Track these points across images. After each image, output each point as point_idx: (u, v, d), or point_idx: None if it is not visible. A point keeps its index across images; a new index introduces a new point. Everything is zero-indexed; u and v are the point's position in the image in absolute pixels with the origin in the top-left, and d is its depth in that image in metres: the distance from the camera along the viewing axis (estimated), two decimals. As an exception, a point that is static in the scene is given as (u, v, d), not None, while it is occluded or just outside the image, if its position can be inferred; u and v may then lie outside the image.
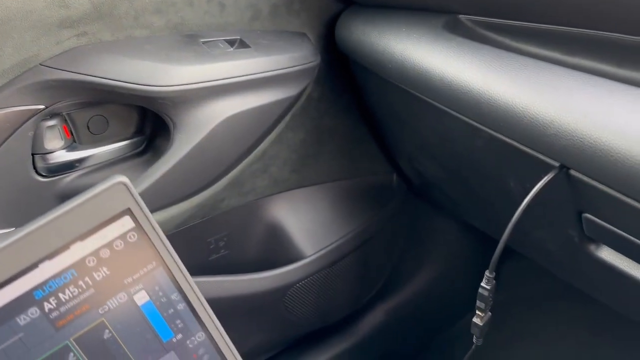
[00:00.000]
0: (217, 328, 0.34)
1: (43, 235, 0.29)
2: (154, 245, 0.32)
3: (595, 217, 0.45)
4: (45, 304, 0.30)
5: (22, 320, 0.29)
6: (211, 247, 0.69)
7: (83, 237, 0.30)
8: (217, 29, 0.58)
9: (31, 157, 0.52)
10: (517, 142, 0.44)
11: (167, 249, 0.32)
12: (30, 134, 0.51)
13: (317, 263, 0.73)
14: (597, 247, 0.49)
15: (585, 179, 0.42)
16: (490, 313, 0.50)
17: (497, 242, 0.47)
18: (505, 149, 0.47)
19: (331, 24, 0.65)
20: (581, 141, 0.40)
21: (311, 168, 0.73)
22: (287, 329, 0.77)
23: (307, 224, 0.74)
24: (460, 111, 0.48)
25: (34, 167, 0.53)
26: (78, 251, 0.30)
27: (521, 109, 0.42)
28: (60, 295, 0.30)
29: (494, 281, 0.48)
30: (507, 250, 0.48)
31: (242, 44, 0.58)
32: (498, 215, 0.58)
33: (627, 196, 0.40)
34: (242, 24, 0.60)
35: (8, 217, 0.52)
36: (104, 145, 0.57)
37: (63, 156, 0.54)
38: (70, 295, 0.30)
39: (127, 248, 0.31)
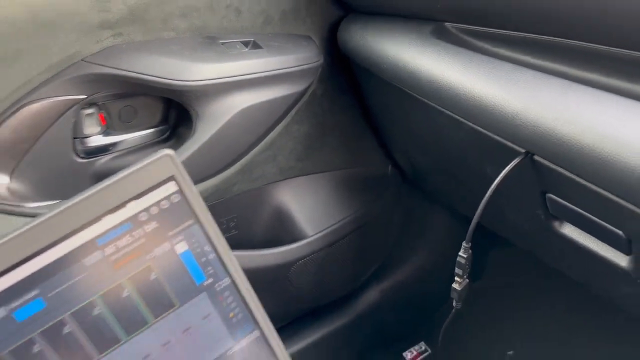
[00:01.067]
0: (239, 276, 0.42)
1: (106, 195, 0.37)
2: (192, 206, 0.40)
3: (558, 197, 0.53)
4: (106, 249, 0.38)
5: (87, 261, 0.37)
6: (223, 226, 0.77)
7: (137, 197, 0.38)
8: (234, 32, 0.66)
9: (72, 140, 0.60)
10: (491, 132, 0.52)
11: (203, 210, 0.40)
12: (72, 120, 0.59)
13: (317, 242, 0.80)
14: (560, 224, 0.57)
15: (548, 163, 0.50)
16: (467, 280, 0.58)
17: (482, 227, 0.55)
18: (482, 139, 0.55)
19: (333, 28, 0.73)
20: (543, 131, 0.47)
21: (314, 158, 0.81)
22: (291, 304, 0.84)
23: (309, 208, 0.82)
24: (444, 106, 0.56)
25: (74, 150, 0.61)
26: (133, 208, 0.38)
27: (493, 103, 0.50)
28: (118, 242, 0.38)
29: (470, 251, 0.55)
30: (493, 242, 0.55)
31: (256, 45, 0.66)
32: (478, 199, 0.66)
33: (583, 179, 0.48)
34: (255, 28, 0.68)
35: (51, 192, 0.60)
36: (133, 132, 0.65)
37: (99, 140, 0.62)
38: (126, 243, 0.38)
39: (171, 207, 0.39)
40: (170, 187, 0.39)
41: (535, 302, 0.98)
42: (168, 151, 0.38)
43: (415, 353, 1.01)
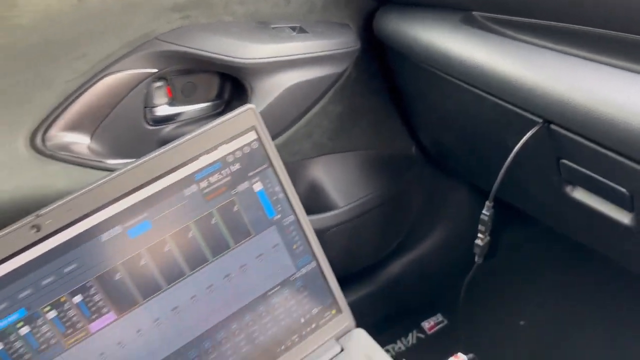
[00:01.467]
0: (302, 214, 0.50)
1: (202, 139, 0.46)
2: (268, 152, 0.48)
3: (571, 162, 0.60)
4: (201, 183, 0.46)
5: (186, 192, 0.46)
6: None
7: (226, 142, 0.46)
8: (283, 18, 0.75)
9: (143, 109, 0.68)
10: (512, 104, 0.60)
11: (275, 156, 0.48)
12: (144, 91, 0.67)
13: (347, 213, 0.88)
14: (572, 188, 0.64)
15: (562, 131, 0.57)
16: (489, 237, 0.66)
17: (501, 201, 0.63)
18: (503, 112, 0.63)
19: (369, 18, 0.81)
20: (559, 100, 0.55)
21: (345, 138, 0.89)
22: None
23: (339, 182, 0.90)
24: (471, 83, 0.64)
25: (145, 118, 0.69)
26: (222, 151, 0.46)
27: (515, 78, 0.58)
28: (209, 179, 0.46)
29: (492, 210, 0.63)
30: (505, 225, 0.61)
31: (302, 30, 0.74)
32: (498, 171, 0.73)
33: (593, 143, 0.55)
34: (300, 15, 0.76)
35: (124, 153, 0.68)
36: (193, 105, 0.73)
37: (165, 110, 0.71)
38: (216, 179, 0.46)
39: (251, 152, 0.47)
40: (252, 135, 0.47)
41: (545, 278, 1.06)
42: (251, 106, 0.47)
43: (432, 323, 1.08)
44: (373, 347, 0.54)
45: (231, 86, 0.75)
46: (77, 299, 0.43)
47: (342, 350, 0.54)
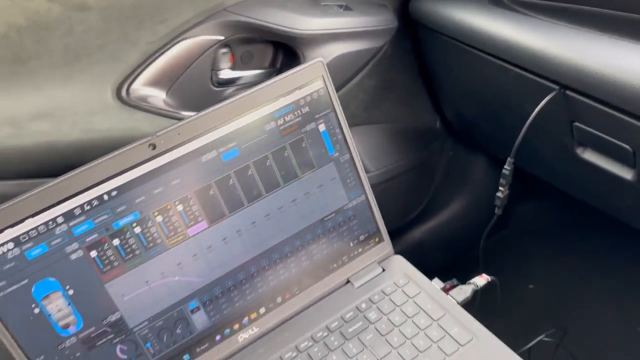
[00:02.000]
0: (356, 154, 0.60)
1: (281, 84, 0.56)
2: (332, 99, 0.58)
3: (582, 124, 0.70)
4: (278, 121, 0.56)
5: (267, 127, 0.56)
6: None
7: (300, 87, 0.56)
8: (330, -3, 0.85)
9: (210, 72, 0.78)
10: (532, 73, 0.70)
11: (337, 103, 0.58)
12: (212, 56, 0.77)
13: (377, 177, 0.98)
14: (582, 149, 0.74)
15: (576, 96, 0.67)
16: (508, 191, 0.76)
17: (520, 170, 0.73)
18: (524, 81, 0.72)
19: (404, 1, 0.91)
20: (575, 68, 0.65)
21: (377, 110, 0.99)
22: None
23: (371, 150, 1.00)
24: (497, 54, 0.74)
25: (211, 79, 0.79)
26: (296, 95, 0.56)
27: (536, 48, 0.67)
28: (285, 117, 0.56)
29: (513, 166, 0.73)
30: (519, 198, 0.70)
31: (347, 8, 0.84)
32: (516, 141, 0.83)
33: (603, 105, 0.65)
34: (346, -5, 0.86)
35: (193, 108, 0.78)
36: (250, 71, 0.83)
37: (227, 74, 0.81)
38: (290, 118, 0.56)
39: (319, 98, 0.57)
40: (320, 83, 0.57)
41: (553, 246, 1.15)
42: (320, 59, 0.57)
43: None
44: (410, 268, 0.64)
45: (283, 55, 0.85)
46: (179, 207, 0.54)
47: (383, 270, 0.64)
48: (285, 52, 0.85)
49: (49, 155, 0.65)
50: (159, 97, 0.76)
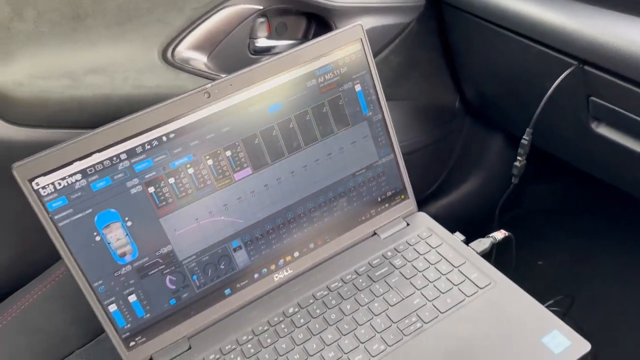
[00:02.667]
0: (387, 115, 0.65)
1: (323, 44, 0.61)
2: (368, 61, 0.63)
3: (599, 99, 0.74)
4: (319, 78, 0.61)
5: (309, 83, 0.60)
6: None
7: (339, 47, 0.61)
8: (363, -27, 0.90)
9: (248, 39, 0.83)
10: (553, 49, 0.74)
11: (372, 64, 0.63)
12: (250, 24, 0.82)
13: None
14: (597, 124, 0.78)
15: (594, 71, 0.71)
16: (525, 161, 0.80)
17: (534, 153, 0.77)
18: (545, 58, 0.77)
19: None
20: (594, 43, 0.69)
21: (400, 87, 1.03)
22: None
23: (393, 124, 1.05)
24: (521, 32, 0.78)
25: (248, 47, 0.84)
26: (336, 55, 0.61)
27: (557, 24, 0.72)
28: (325, 76, 0.61)
29: (531, 136, 0.77)
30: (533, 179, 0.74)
31: (379, -16, 0.89)
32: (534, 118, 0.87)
33: (619, 79, 0.69)
34: (377, -26, 0.91)
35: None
36: (283, 41, 0.88)
37: (263, 43, 0.86)
38: (329, 77, 0.61)
39: (356, 59, 0.62)
40: (358, 45, 0.62)
41: (563, 224, 1.20)
42: (360, 22, 0.61)
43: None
44: (433, 223, 0.69)
45: (316, 27, 0.90)
46: (228, 153, 0.59)
47: (407, 225, 0.69)
48: (317, 24, 0.90)
49: (104, 106, 0.70)
50: (200, 60, 0.81)
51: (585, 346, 0.52)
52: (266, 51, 0.87)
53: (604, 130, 0.79)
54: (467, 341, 0.54)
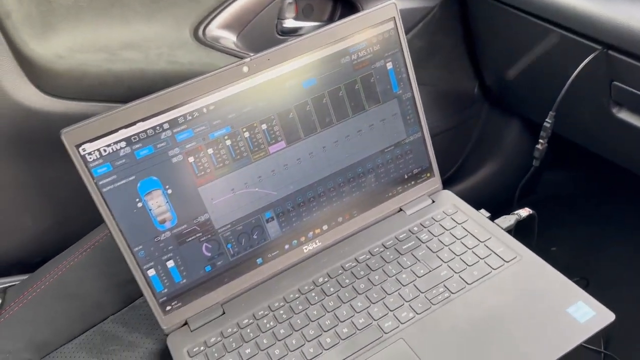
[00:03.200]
0: (417, 93, 0.67)
1: (356, 22, 0.62)
2: (400, 39, 0.64)
3: (622, 83, 0.76)
4: (352, 55, 0.63)
5: (343, 60, 0.62)
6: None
7: (373, 26, 0.63)
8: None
9: (276, 20, 0.85)
10: (577, 34, 0.75)
11: (405, 43, 0.64)
12: (279, 5, 0.84)
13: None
14: (619, 109, 0.80)
15: (619, 55, 0.73)
16: (547, 144, 0.82)
17: (553, 136, 0.79)
18: (568, 43, 0.78)
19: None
20: (620, 27, 0.70)
21: (422, 70, 1.04)
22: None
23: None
24: (546, 17, 0.79)
25: (276, 28, 0.86)
26: (369, 33, 0.63)
27: (582, 9, 0.73)
28: (358, 53, 0.63)
29: (554, 119, 0.79)
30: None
31: (405, -33, 0.90)
32: (554, 104, 0.89)
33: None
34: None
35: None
36: (309, 22, 0.90)
37: (291, 24, 0.87)
38: (362, 54, 0.63)
39: (389, 37, 0.64)
40: (391, 24, 0.64)
41: (577, 211, 1.21)
42: (394, 1, 0.63)
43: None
44: (458, 200, 0.71)
45: (341, 10, 0.91)
46: (264, 126, 0.61)
47: (433, 202, 0.71)
48: (342, 6, 0.91)
49: (139, 81, 0.72)
50: (230, 39, 0.83)
51: (609, 316, 0.54)
52: (293, 32, 0.89)
53: (625, 116, 0.80)
54: (493, 311, 0.56)
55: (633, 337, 0.99)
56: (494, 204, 1.22)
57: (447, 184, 1.24)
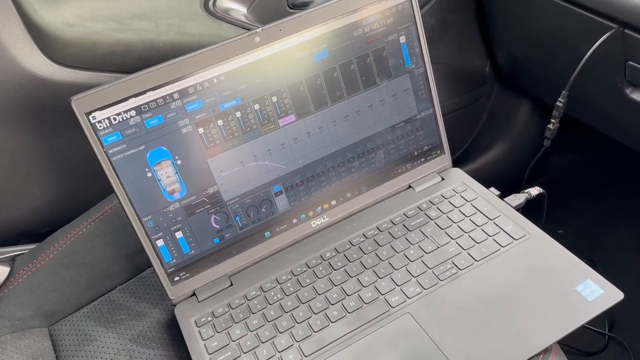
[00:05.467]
0: (429, 69, 0.66)
1: (369, -5, 0.61)
2: (414, 13, 0.63)
3: (637, 63, 0.74)
4: (365, 28, 0.62)
5: (355, 32, 0.61)
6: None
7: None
8: None
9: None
10: (593, 12, 0.74)
11: (418, 17, 0.63)
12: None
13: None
14: (633, 89, 0.78)
15: (635, 34, 0.71)
16: (558, 124, 0.81)
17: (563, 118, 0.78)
18: (584, 21, 0.76)
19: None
20: (637, 7, 0.69)
21: (434, 49, 1.03)
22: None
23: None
24: (562, -7, 0.78)
25: (287, 0, 0.84)
26: (383, 6, 0.62)
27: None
28: (372, 25, 0.62)
29: (566, 99, 0.78)
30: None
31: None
32: (567, 85, 0.87)
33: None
34: None
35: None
36: (318, -2, 0.89)
37: (303, -3, 0.87)
38: (375, 26, 0.62)
39: (402, 10, 0.63)
40: (405, -2, 0.63)
41: (583, 194, 1.21)
42: (408, -26, 0.62)
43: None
44: (468, 178, 0.70)
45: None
46: (274, 99, 0.60)
47: (442, 179, 0.70)
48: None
49: (149, 51, 0.71)
50: (240, 11, 0.82)
51: (618, 295, 0.54)
52: (304, 5, 0.87)
53: (639, 96, 0.79)
54: (501, 287, 0.56)
55: (638, 320, 0.99)
56: (503, 184, 1.22)
57: (456, 163, 1.25)
